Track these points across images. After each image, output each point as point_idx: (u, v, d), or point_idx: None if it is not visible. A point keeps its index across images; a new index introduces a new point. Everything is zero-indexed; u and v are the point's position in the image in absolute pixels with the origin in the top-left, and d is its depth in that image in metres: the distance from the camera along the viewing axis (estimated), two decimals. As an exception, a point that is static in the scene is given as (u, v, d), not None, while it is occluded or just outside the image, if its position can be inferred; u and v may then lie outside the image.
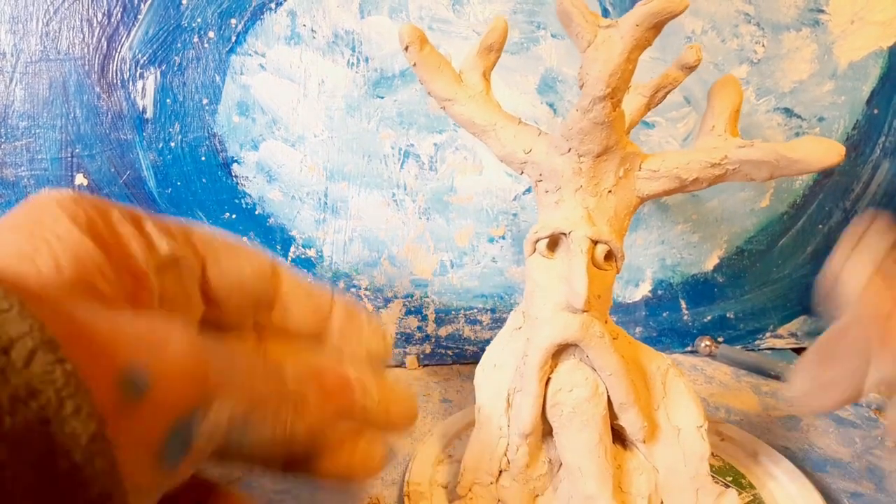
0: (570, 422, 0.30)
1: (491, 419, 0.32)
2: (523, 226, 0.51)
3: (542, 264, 0.31)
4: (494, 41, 0.32)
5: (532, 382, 0.30)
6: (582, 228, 0.30)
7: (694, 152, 0.31)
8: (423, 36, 0.31)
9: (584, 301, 0.28)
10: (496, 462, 0.32)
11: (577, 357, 0.31)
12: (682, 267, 0.54)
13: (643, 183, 0.32)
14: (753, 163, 0.30)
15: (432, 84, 0.32)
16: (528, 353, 0.31)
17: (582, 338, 0.29)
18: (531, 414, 0.30)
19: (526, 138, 0.32)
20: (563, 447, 0.31)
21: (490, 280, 0.52)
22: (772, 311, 0.55)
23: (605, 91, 0.27)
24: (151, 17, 0.44)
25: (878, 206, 0.53)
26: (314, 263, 0.50)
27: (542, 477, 0.32)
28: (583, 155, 0.30)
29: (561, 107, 0.49)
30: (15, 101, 0.45)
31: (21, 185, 0.47)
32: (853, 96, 0.50)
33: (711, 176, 0.31)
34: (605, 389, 0.31)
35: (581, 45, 0.27)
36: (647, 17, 0.26)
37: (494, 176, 0.50)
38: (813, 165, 0.29)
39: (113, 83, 0.45)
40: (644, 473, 0.32)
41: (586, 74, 0.27)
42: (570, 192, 0.31)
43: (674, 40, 0.48)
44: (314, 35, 0.46)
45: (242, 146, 0.48)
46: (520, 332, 0.33)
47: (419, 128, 0.48)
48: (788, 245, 0.54)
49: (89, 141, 0.46)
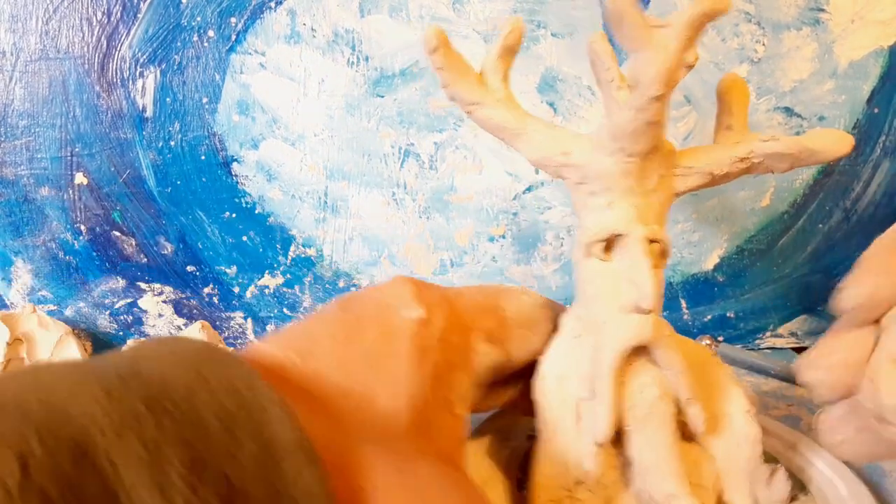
0: (645, 423, 0.30)
1: (561, 433, 0.31)
2: (523, 225, 0.51)
3: (598, 268, 0.31)
4: (514, 42, 0.31)
5: (608, 389, 0.29)
6: (639, 229, 0.30)
7: (722, 147, 0.32)
8: (448, 39, 0.30)
9: (652, 302, 0.28)
10: (571, 476, 0.31)
11: (645, 358, 0.30)
12: (681, 266, 0.53)
13: (679, 180, 0.32)
14: (777, 155, 0.31)
15: (458, 88, 0.31)
16: (602, 359, 0.30)
17: (655, 339, 0.29)
18: (609, 421, 0.30)
19: (562, 140, 0.31)
20: (640, 448, 0.30)
21: (490, 279, 0.52)
22: (772, 310, 0.55)
23: (661, 91, 0.27)
24: (151, 16, 0.44)
25: (878, 206, 0.53)
26: (314, 262, 0.50)
27: (615, 483, 0.32)
28: (632, 155, 0.30)
29: (561, 106, 0.48)
30: (14, 100, 0.45)
31: (21, 184, 0.47)
32: (853, 95, 0.50)
33: (738, 170, 0.32)
34: (673, 387, 0.30)
35: (633, 46, 0.27)
36: (698, 18, 0.26)
37: (495, 175, 0.49)
38: (830, 155, 0.31)
39: (113, 82, 0.45)
40: (705, 463, 0.32)
41: (641, 75, 0.27)
42: (620, 192, 0.30)
43: (674, 39, 0.48)
44: (314, 34, 0.46)
45: (242, 145, 0.48)
46: (581, 339, 0.32)
47: (419, 127, 0.48)
48: (789, 244, 0.54)
49: (89, 140, 0.46)
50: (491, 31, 0.47)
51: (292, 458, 0.14)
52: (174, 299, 0.51)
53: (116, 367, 0.15)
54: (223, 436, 0.14)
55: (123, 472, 0.12)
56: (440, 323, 0.23)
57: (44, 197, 0.47)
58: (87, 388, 0.14)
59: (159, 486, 0.12)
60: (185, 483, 0.13)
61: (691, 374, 0.31)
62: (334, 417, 0.18)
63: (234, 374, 0.15)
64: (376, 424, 0.19)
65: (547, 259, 0.51)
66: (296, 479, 0.14)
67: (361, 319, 0.22)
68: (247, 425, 0.14)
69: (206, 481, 0.13)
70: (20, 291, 0.49)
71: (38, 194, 0.47)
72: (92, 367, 0.15)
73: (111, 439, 0.12)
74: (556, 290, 0.52)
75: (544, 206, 0.50)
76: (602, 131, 0.30)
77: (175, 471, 0.13)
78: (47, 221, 0.48)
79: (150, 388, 0.14)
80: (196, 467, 0.13)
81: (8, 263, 0.49)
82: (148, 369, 0.15)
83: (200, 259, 0.50)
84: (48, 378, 0.14)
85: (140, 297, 0.50)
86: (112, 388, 0.14)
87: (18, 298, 0.50)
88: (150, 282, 0.50)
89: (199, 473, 0.13)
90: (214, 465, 0.13)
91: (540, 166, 0.32)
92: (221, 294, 0.51)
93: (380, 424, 0.19)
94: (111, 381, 0.14)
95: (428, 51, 0.30)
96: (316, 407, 0.18)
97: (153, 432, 0.13)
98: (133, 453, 0.12)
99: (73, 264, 0.49)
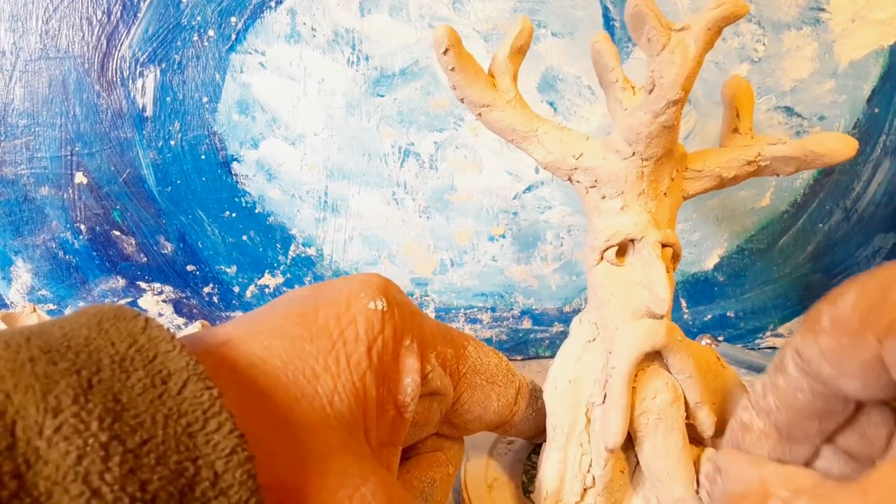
0: (656, 428, 0.30)
1: (571, 437, 0.31)
2: (523, 224, 0.51)
3: (611, 272, 0.30)
4: (524, 43, 0.31)
5: (621, 394, 0.29)
6: (653, 233, 0.29)
7: (730, 150, 0.32)
8: (460, 38, 0.29)
9: (667, 307, 0.28)
10: (580, 481, 0.31)
11: (657, 363, 0.30)
12: (682, 266, 0.53)
13: (689, 183, 0.32)
14: (784, 159, 0.32)
15: (469, 90, 0.30)
16: (616, 364, 0.30)
17: (667, 343, 0.29)
18: (621, 426, 0.29)
19: (574, 143, 0.31)
20: (650, 454, 0.30)
21: (490, 279, 0.52)
22: (772, 309, 0.55)
23: (680, 94, 0.27)
24: (151, 16, 0.44)
25: (878, 206, 0.53)
26: (314, 262, 0.50)
27: (622, 488, 0.31)
28: (647, 159, 0.29)
29: (561, 106, 0.48)
30: (14, 100, 0.45)
31: (21, 184, 0.47)
32: (854, 95, 0.50)
33: (746, 173, 0.32)
34: (683, 392, 0.30)
35: (654, 49, 0.27)
36: (717, 21, 0.26)
37: (495, 175, 0.49)
38: (836, 158, 0.32)
39: (113, 81, 0.45)
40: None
41: (660, 78, 0.27)
42: (633, 196, 0.30)
43: (674, 39, 0.48)
44: (314, 33, 0.46)
45: (242, 144, 0.48)
46: (593, 344, 0.32)
47: (419, 126, 0.48)
48: (789, 244, 0.54)
49: (89, 139, 0.46)
50: (491, 31, 0.47)
51: (177, 375, 0.15)
52: (174, 299, 0.51)
53: (25, 328, 0.16)
54: (114, 368, 0.15)
55: (14, 397, 0.13)
56: (399, 321, 0.23)
57: (44, 196, 0.47)
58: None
59: (46, 402, 0.13)
60: (71, 400, 0.13)
61: (701, 378, 0.31)
62: (263, 394, 0.18)
63: (134, 327, 0.16)
64: (304, 406, 0.19)
65: (547, 259, 0.51)
66: (181, 391, 0.15)
67: (320, 305, 0.22)
68: (137, 361, 0.15)
69: (94, 397, 0.14)
70: (20, 291, 0.49)
71: (38, 194, 0.47)
72: (1, 330, 0.16)
73: (4, 374, 0.13)
74: (556, 290, 0.52)
75: (544, 206, 0.50)
76: (615, 134, 0.30)
77: (63, 392, 0.14)
78: (47, 221, 0.48)
79: (50, 339, 0.15)
80: (84, 387, 0.14)
81: (8, 263, 0.49)
82: (51, 325, 0.16)
83: (200, 258, 0.50)
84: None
85: (140, 296, 0.50)
86: (12, 340, 0.15)
87: (18, 298, 0.50)
88: (150, 281, 0.50)
89: (86, 393, 0.14)
90: (103, 387, 0.14)
91: (551, 169, 0.32)
92: (221, 293, 0.51)
93: (308, 406, 0.19)
94: (12, 336, 0.15)
95: (439, 51, 0.29)
96: (242, 381, 0.18)
97: (45, 368, 0.14)
98: (24, 383, 0.13)
99: (73, 264, 0.49)
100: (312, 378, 0.20)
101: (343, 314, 0.22)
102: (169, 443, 0.14)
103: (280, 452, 0.17)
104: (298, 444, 0.18)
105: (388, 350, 0.22)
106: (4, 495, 0.12)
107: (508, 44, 0.30)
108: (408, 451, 0.29)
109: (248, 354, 0.19)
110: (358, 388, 0.20)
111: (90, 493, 0.12)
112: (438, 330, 0.27)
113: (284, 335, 0.20)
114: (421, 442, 0.29)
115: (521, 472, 0.36)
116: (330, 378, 0.20)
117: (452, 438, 0.30)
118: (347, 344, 0.21)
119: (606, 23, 0.47)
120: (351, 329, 0.21)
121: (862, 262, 0.54)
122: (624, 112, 0.29)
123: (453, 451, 0.30)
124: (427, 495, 0.27)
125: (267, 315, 0.21)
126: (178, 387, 0.15)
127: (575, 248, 0.51)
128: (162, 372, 0.15)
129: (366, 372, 0.21)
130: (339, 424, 0.19)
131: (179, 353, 0.16)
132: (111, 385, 0.14)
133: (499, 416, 0.30)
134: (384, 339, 0.22)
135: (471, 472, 0.35)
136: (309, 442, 0.18)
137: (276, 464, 0.17)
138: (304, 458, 0.17)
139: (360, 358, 0.21)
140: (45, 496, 0.12)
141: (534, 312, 0.53)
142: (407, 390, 0.23)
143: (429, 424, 0.27)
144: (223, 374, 0.18)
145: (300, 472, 0.17)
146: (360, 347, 0.21)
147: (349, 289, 0.23)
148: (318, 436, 0.18)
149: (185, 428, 0.14)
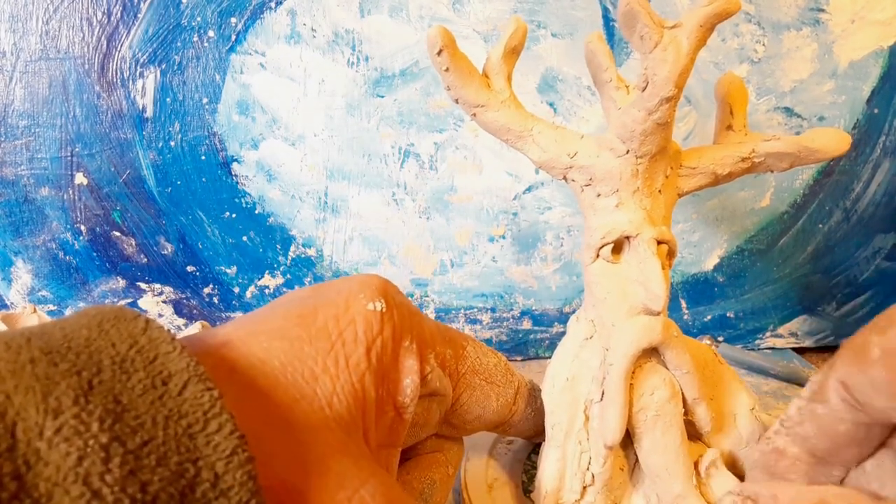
0: (654, 425, 0.30)
1: (570, 435, 0.31)
2: (523, 225, 0.51)
3: (607, 270, 0.31)
4: (518, 43, 0.31)
5: (619, 391, 0.29)
6: (648, 230, 0.30)
7: (724, 147, 0.32)
8: (454, 39, 0.30)
9: (663, 303, 0.28)
10: (579, 479, 0.31)
11: (654, 359, 0.30)
12: (681, 266, 0.53)
13: (683, 180, 0.32)
14: (778, 154, 0.32)
15: (463, 90, 0.30)
16: (613, 361, 0.30)
17: (664, 340, 0.29)
18: (619, 423, 0.29)
19: (569, 142, 0.31)
20: (648, 451, 0.30)
21: (490, 279, 0.52)
22: (772, 310, 0.55)
23: (673, 91, 0.27)
24: (151, 16, 0.44)
25: (878, 206, 0.53)
26: (314, 263, 0.50)
27: (622, 485, 0.32)
28: (641, 156, 0.29)
29: (561, 106, 0.48)
30: (15, 100, 0.45)
31: (21, 184, 0.47)
32: (853, 96, 0.50)
33: (741, 169, 0.32)
34: (681, 388, 0.30)
35: (646, 47, 0.27)
36: (710, 18, 0.27)
37: (494, 175, 0.50)
38: (829, 154, 0.32)
39: (113, 82, 0.45)
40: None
41: (654, 75, 0.27)
42: (628, 194, 0.30)
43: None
44: (314, 34, 0.46)
45: (242, 145, 0.48)
46: (591, 341, 0.32)
47: (419, 127, 0.48)
48: (789, 244, 0.54)
49: (89, 140, 0.46)
50: (490, 31, 0.47)
51: (178, 376, 0.15)
52: (174, 299, 0.51)
53: (25, 329, 0.16)
54: (115, 369, 0.15)
55: (14, 398, 0.13)
56: (398, 322, 0.23)
57: (44, 197, 0.47)
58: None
59: (47, 403, 0.13)
60: (72, 401, 0.13)
61: (698, 374, 0.31)
62: (262, 395, 0.18)
63: (134, 328, 0.16)
64: (304, 407, 0.19)
65: (547, 259, 0.51)
66: (181, 392, 0.15)
67: (319, 306, 0.22)
68: (138, 362, 0.15)
69: (95, 399, 0.14)
70: (20, 291, 0.49)
71: (38, 194, 0.47)
72: (2, 331, 0.16)
73: (4, 376, 0.14)
74: (556, 290, 0.52)
75: (544, 207, 0.50)
76: (610, 132, 0.30)
77: (64, 393, 0.14)
78: (47, 221, 0.48)
79: (51, 340, 0.15)
80: (85, 389, 0.14)
81: (8, 263, 0.49)
82: (51, 327, 0.16)
83: (200, 259, 0.50)
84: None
85: (140, 297, 0.50)
86: (12, 341, 0.15)
87: (18, 298, 0.50)
88: (150, 282, 0.50)
89: (87, 394, 0.14)
90: (104, 388, 0.14)
91: (546, 168, 0.32)
92: (221, 294, 0.51)
93: (307, 408, 0.19)
94: (13, 337, 0.15)
95: (433, 52, 0.29)
96: (241, 382, 0.18)
97: (46, 369, 0.14)
98: (24, 384, 0.13)
99: (73, 264, 0.49)
100: (311, 379, 0.20)
101: (342, 315, 0.22)
102: (169, 444, 0.14)
103: (280, 453, 0.17)
104: (298, 446, 0.18)
105: (387, 351, 0.22)
106: (5, 497, 0.12)
107: (502, 44, 0.31)
108: (407, 452, 0.29)
109: (247, 355, 0.19)
110: (357, 390, 0.20)
111: (91, 495, 0.12)
112: (437, 330, 0.27)
113: (284, 336, 0.20)
114: (420, 443, 0.29)
115: (521, 471, 0.36)
116: (329, 379, 0.20)
117: (452, 439, 0.30)
118: (346, 345, 0.21)
119: (606, 23, 0.47)
120: (350, 330, 0.21)
121: (862, 263, 0.54)
122: (618, 110, 0.29)
123: (453, 451, 0.30)
124: (427, 496, 0.27)
125: (266, 316, 0.21)
126: (179, 388, 0.15)
127: (575, 248, 0.51)
128: (162, 373, 0.15)
129: (365, 373, 0.21)
130: (338, 426, 0.19)
131: (180, 354, 0.16)
132: (112, 386, 0.14)
133: (498, 415, 0.30)
134: (383, 340, 0.22)
135: (471, 473, 0.35)
136: (308, 443, 0.18)
137: (276, 465, 0.17)
138: (303, 459, 0.17)
139: (359, 359, 0.21)
140: (46, 497, 0.12)
141: (534, 313, 0.53)
142: (406, 391, 0.23)
143: (428, 425, 0.27)
144: (223, 375, 0.18)
145: (300, 474, 0.17)
146: (358, 348, 0.21)
147: (348, 290, 0.23)
148: (318, 437, 0.18)
149: (186, 429, 0.14)
